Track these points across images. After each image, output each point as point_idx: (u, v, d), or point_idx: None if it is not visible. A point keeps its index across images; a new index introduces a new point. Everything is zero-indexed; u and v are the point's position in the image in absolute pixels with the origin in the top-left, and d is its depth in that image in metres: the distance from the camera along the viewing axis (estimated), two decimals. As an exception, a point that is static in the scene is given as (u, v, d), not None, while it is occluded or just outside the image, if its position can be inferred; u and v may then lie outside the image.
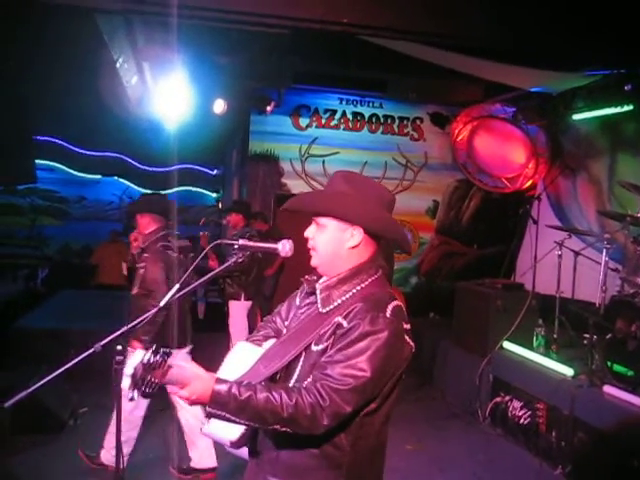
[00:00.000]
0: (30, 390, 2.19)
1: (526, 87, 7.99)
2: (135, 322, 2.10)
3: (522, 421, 5.72)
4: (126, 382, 1.82)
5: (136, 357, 1.83)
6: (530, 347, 6.11)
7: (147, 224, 4.80)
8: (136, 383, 1.80)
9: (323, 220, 2.10)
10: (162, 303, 2.14)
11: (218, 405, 1.86)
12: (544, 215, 7.84)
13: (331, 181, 2.16)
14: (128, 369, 1.81)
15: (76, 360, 2.09)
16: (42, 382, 2.13)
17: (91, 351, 2.08)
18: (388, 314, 1.95)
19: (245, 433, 2.05)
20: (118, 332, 2.03)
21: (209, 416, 1.92)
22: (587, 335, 5.43)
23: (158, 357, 1.82)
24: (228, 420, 1.89)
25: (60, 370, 2.10)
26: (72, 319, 7.99)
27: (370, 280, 2.07)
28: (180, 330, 4.64)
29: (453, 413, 6.62)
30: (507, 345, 6.35)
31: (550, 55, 6.19)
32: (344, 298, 2.04)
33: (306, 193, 2.33)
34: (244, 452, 2.18)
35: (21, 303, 8.41)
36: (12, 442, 4.89)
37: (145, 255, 4.66)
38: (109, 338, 2.01)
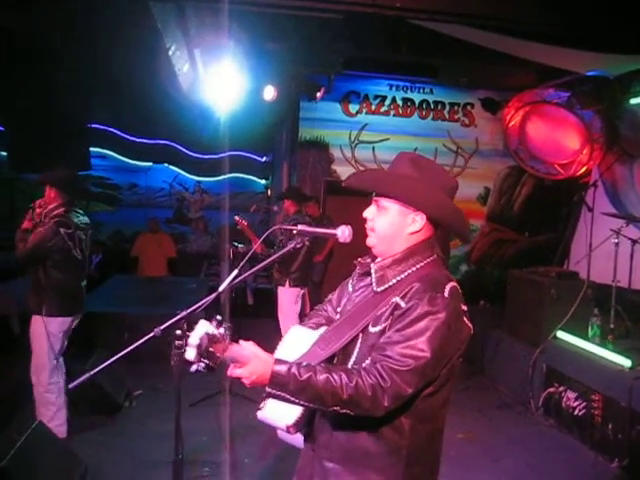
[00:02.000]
0: (92, 373, 2.23)
1: (581, 71, 7.78)
2: (194, 307, 2.11)
3: (577, 412, 5.61)
4: (191, 353, 1.80)
5: (201, 327, 1.82)
6: (585, 337, 5.98)
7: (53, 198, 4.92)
8: (201, 354, 1.80)
9: (385, 202, 2.07)
10: (221, 288, 2.14)
11: (278, 386, 1.86)
12: (599, 202, 7.64)
13: (396, 162, 2.13)
14: (193, 339, 1.80)
15: (137, 344, 2.12)
16: (104, 365, 2.17)
17: (151, 335, 2.10)
18: (446, 294, 1.92)
19: (301, 417, 2.04)
20: (178, 316, 2.04)
21: (269, 397, 1.92)
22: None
23: (222, 329, 1.81)
24: (287, 401, 1.88)
25: (121, 353, 2.13)
26: (125, 304, 8.14)
27: (425, 262, 2.05)
28: None
29: (505, 403, 6.54)
30: (561, 335, 6.24)
31: (606, 37, 6.02)
32: (399, 278, 2.02)
33: (370, 171, 2.30)
34: (298, 439, 2.18)
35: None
36: (72, 423, 4.99)
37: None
38: (169, 322, 2.02)
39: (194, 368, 1.82)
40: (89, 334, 6.83)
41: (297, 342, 2.21)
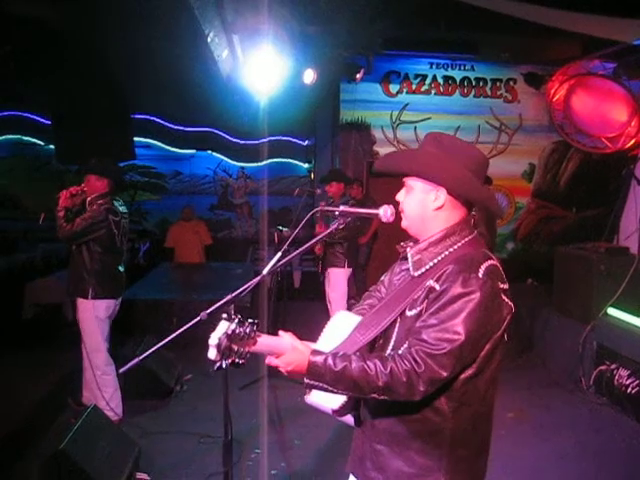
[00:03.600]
0: (141, 357, 2.27)
1: (628, 40, 7.57)
2: (239, 290, 2.14)
3: (630, 390, 5.52)
4: (212, 353, 1.84)
5: (220, 328, 1.86)
6: (637, 313, 5.86)
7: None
8: (223, 353, 1.84)
9: (410, 182, 2.08)
10: (265, 271, 2.17)
11: (315, 376, 1.88)
12: (649, 175, 7.47)
13: (422, 142, 2.14)
14: (212, 340, 1.84)
15: (184, 328, 2.15)
16: (153, 349, 2.21)
17: (197, 319, 2.13)
18: (481, 274, 1.89)
19: (346, 402, 2.08)
20: (223, 300, 2.07)
21: (308, 387, 1.95)
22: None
23: (244, 327, 1.85)
24: (326, 390, 1.91)
25: (169, 338, 2.16)
26: (172, 290, 8.28)
27: (463, 242, 2.02)
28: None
29: (555, 381, 6.47)
30: (612, 311, 6.13)
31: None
32: (436, 260, 2.00)
33: (394, 153, 2.29)
34: (349, 419, 2.21)
35: (126, 276, 8.76)
36: (124, 406, 5.12)
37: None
38: (215, 306, 2.05)
39: (217, 366, 1.86)
40: (139, 321, 7.00)
41: (339, 328, 2.23)
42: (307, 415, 5.00)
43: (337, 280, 6.75)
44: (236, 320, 1.85)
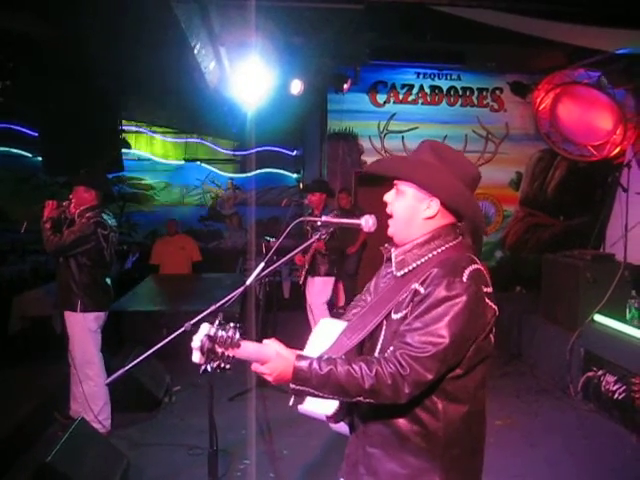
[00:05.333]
0: (127, 368, 2.27)
1: (611, 49, 7.65)
2: (223, 301, 2.15)
3: (616, 396, 5.56)
4: (195, 355, 1.85)
5: (202, 330, 1.87)
6: (623, 320, 5.89)
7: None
8: (207, 356, 1.84)
9: (403, 186, 2.10)
10: (249, 281, 2.18)
11: (301, 381, 1.89)
12: (635, 182, 7.51)
13: (418, 149, 2.16)
14: (195, 342, 1.85)
15: (168, 339, 2.16)
16: (138, 360, 2.21)
17: (182, 330, 2.15)
18: (465, 278, 1.91)
19: (340, 408, 2.10)
20: (207, 311, 2.08)
21: (294, 392, 1.95)
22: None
23: (226, 331, 1.85)
24: (312, 395, 1.92)
25: (154, 349, 2.17)
26: (161, 301, 8.26)
27: (448, 245, 2.05)
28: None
29: (543, 388, 6.50)
30: (598, 318, 6.17)
31: (635, 13, 5.91)
32: (419, 262, 2.03)
33: (389, 157, 2.33)
34: (344, 427, 2.22)
35: (114, 287, 8.74)
36: (113, 419, 5.11)
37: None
38: (200, 316, 2.06)
39: (202, 369, 1.87)
40: (128, 333, 6.98)
41: (325, 334, 2.25)
42: (296, 425, 5.02)
43: (319, 288, 6.77)
44: (216, 322, 1.87)
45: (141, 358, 2.20)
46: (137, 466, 4.48)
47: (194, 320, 2.09)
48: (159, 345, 2.18)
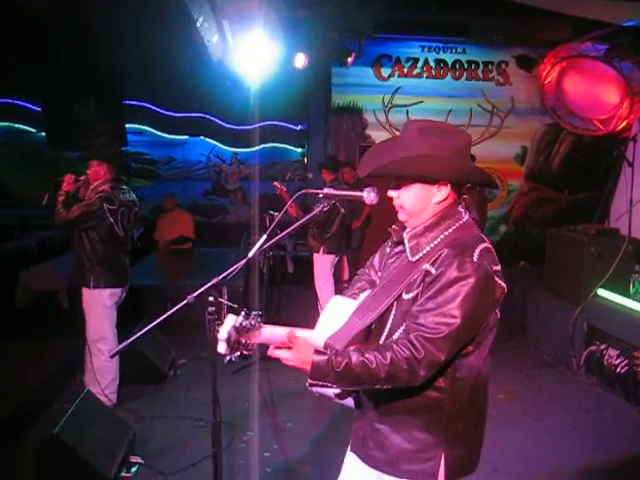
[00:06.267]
0: (131, 340, 2.31)
1: (620, 21, 7.55)
2: (225, 274, 2.16)
3: (619, 370, 5.58)
4: (222, 347, 1.89)
5: (228, 322, 1.89)
6: (627, 294, 5.91)
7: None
8: (232, 347, 1.88)
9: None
10: (250, 254, 2.19)
11: (319, 376, 1.94)
12: (640, 157, 7.49)
13: (406, 134, 2.12)
14: (222, 334, 1.87)
15: (171, 311, 2.19)
16: (141, 332, 2.25)
17: (184, 302, 2.18)
18: (475, 258, 1.94)
19: None
20: (209, 284, 2.10)
21: (312, 387, 2.00)
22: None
23: (250, 320, 1.89)
24: (330, 388, 1.99)
25: (156, 322, 2.20)
26: (166, 276, 8.29)
27: (457, 225, 2.06)
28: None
29: (546, 362, 6.53)
30: (602, 292, 6.17)
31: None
32: (432, 245, 2.04)
33: (381, 152, 2.25)
34: (350, 402, 2.25)
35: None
36: (119, 392, 5.16)
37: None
38: (201, 290, 2.08)
39: (227, 359, 1.91)
40: (134, 306, 7.02)
41: (337, 313, 2.26)
42: (299, 398, 5.06)
43: (317, 266, 6.77)
44: (242, 313, 1.90)
45: (144, 330, 2.24)
46: (143, 438, 4.53)
47: (196, 293, 2.13)
48: (161, 318, 2.21)
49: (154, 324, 2.19)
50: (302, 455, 4.46)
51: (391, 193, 2.14)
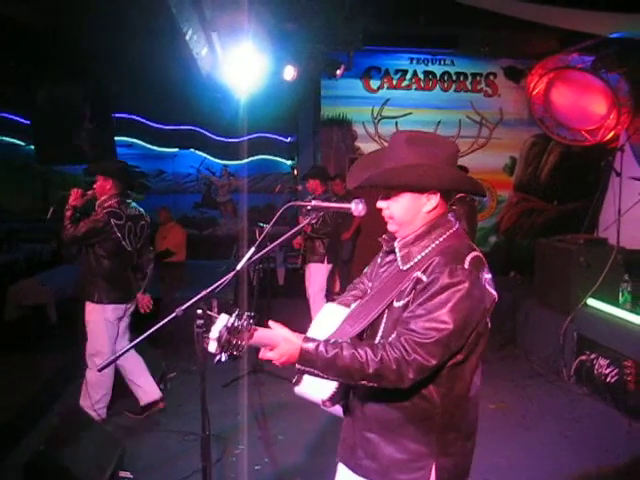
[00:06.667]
0: (119, 354, 2.31)
1: (606, 33, 7.64)
2: (212, 287, 2.15)
3: (609, 379, 5.59)
4: (212, 346, 1.88)
5: (220, 321, 1.89)
6: (616, 303, 5.92)
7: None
8: (222, 346, 1.87)
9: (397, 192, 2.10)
10: (239, 267, 2.18)
11: (306, 362, 1.94)
12: (628, 167, 7.55)
13: (393, 145, 2.12)
14: (213, 333, 1.87)
15: (160, 325, 2.17)
16: (130, 346, 2.24)
17: (173, 316, 2.16)
18: (466, 265, 1.94)
19: (336, 392, 2.11)
20: (197, 297, 2.09)
21: (299, 372, 2.00)
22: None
23: (242, 321, 1.88)
24: (317, 376, 1.96)
25: (145, 335, 2.18)
26: (156, 288, 8.24)
27: (448, 233, 2.07)
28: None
29: (537, 372, 6.54)
30: (591, 302, 6.19)
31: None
32: (423, 254, 2.04)
33: (369, 163, 2.26)
34: (338, 410, 2.25)
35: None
36: (108, 406, 5.12)
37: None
38: (189, 303, 2.08)
39: (217, 359, 1.90)
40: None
41: (329, 319, 2.27)
42: (291, 410, 5.04)
43: (316, 275, 6.79)
44: (235, 313, 1.89)
45: (133, 344, 2.22)
46: (133, 452, 4.49)
47: (185, 306, 2.11)
48: (150, 331, 2.19)
49: (142, 337, 2.18)
50: (293, 468, 4.44)
51: (380, 204, 2.14)
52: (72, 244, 4.98)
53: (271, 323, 2.03)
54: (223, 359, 1.91)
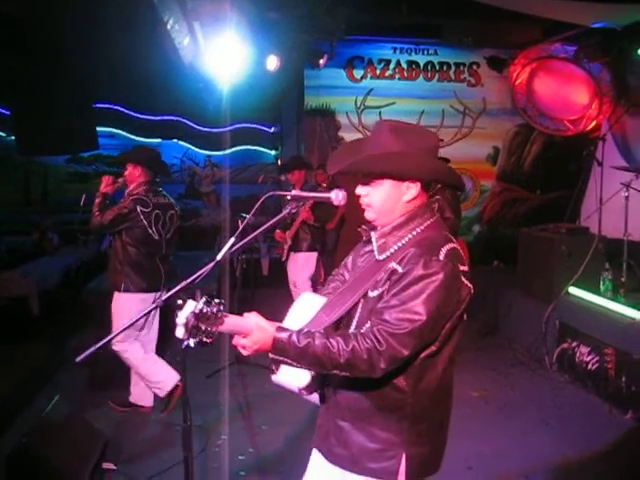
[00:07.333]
0: (98, 346, 2.28)
1: (587, 23, 7.67)
2: (192, 277, 2.15)
3: (590, 367, 5.65)
4: (180, 331, 1.87)
5: (188, 307, 1.88)
6: (597, 292, 5.98)
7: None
8: (190, 332, 1.86)
9: (377, 179, 2.10)
10: (218, 257, 2.17)
11: (279, 351, 1.95)
12: (609, 156, 7.59)
13: (377, 133, 2.12)
14: (180, 319, 1.86)
15: (140, 316, 2.18)
16: (110, 337, 2.22)
17: (154, 306, 2.16)
18: (442, 257, 1.95)
19: (312, 381, 2.13)
20: (178, 287, 2.09)
21: (272, 362, 2.03)
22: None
23: (211, 307, 1.87)
24: (290, 365, 1.98)
25: (126, 326, 2.19)
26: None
27: (425, 224, 2.08)
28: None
29: (519, 360, 6.58)
30: (573, 290, 6.25)
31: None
32: (400, 244, 2.05)
33: (349, 148, 2.26)
34: (315, 397, 2.28)
35: (92, 267, 8.68)
36: (91, 398, 5.12)
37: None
38: (170, 293, 2.07)
39: (185, 344, 1.89)
40: (106, 312, 6.95)
41: (305, 309, 2.28)
42: (274, 400, 5.04)
43: (304, 264, 6.79)
44: (203, 300, 1.88)
45: (114, 335, 2.21)
46: (116, 443, 4.48)
47: (165, 296, 2.11)
48: (131, 322, 2.19)
49: (124, 328, 2.18)
50: (277, 457, 4.44)
51: (360, 190, 2.14)
52: (99, 232, 4.93)
53: (245, 314, 2.03)
54: (192, 344, 1.90)
